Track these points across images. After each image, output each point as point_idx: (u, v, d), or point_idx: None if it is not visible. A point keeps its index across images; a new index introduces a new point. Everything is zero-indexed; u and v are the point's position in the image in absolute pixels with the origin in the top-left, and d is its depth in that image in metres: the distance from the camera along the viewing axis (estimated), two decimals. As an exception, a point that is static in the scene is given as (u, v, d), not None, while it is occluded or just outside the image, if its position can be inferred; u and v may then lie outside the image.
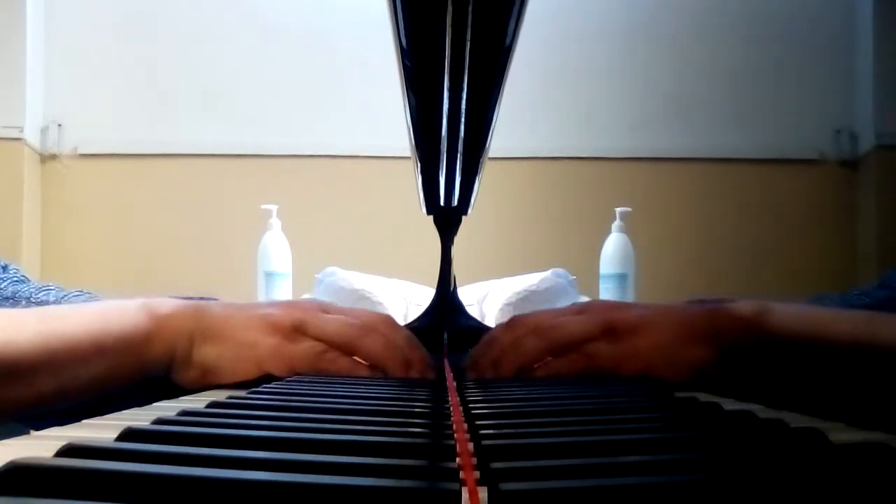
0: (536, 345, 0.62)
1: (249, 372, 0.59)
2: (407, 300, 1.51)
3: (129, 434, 0.31)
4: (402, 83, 0.55)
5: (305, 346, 0.61)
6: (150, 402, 0.44)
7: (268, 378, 0.60)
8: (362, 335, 0.62)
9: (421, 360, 0.65)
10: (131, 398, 0.50)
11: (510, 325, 0.67)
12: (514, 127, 2.12)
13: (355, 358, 0.63)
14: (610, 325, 0.62)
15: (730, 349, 0.57)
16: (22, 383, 0.47)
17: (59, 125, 2.32)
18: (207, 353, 0.59)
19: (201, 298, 0.65)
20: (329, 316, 0.63)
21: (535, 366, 0.63)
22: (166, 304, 0.59)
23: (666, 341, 0.59)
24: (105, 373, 0.54)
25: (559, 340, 0.62)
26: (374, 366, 0.63)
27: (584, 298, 1.64)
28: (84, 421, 0.37)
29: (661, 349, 0.59)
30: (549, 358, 0.63)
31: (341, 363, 0.61)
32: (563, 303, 1.54)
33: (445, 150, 0.66)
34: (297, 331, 0.61)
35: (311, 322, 0.62)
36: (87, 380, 0.52)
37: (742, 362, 0.57)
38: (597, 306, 0.67)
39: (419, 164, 0.74)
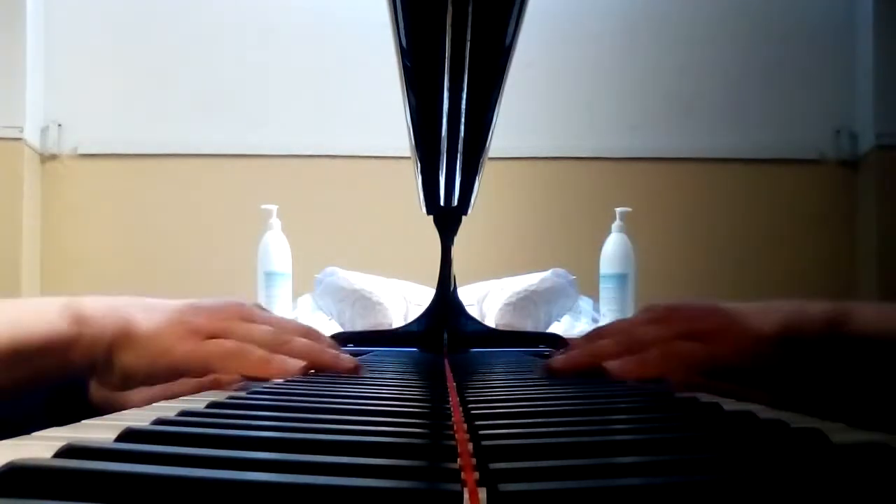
0: (609, 347, 0.62)
1: (166, 376, 0.60)
2: (407, 300, 1.51)
3: (128, 434, 0.31)
4: (402, 83, 0.55)
5: (221, 342, 0.60)
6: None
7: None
8: (282, 343, 0.62)
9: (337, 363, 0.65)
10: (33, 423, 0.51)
11: (589, 336, 0.67)
12: (514, 127, 2.12)
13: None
14: (690, 331, 0.61)
15: (805, 350, 0.57)
16: None
17: (59, 125, 2.32)
18: (126, 360, 0.59)
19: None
20: (248, 325, 0.64)
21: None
22: (87, 306, 0.59)
23: (751, 346, 0.58)
24: (24, 375, 0.54)
25: (636, 345, 0.62)
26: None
27: (585, 298, 1.64)
28: (84, 421, 0.37)
29: (747, 355, 0.58)
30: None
31: (257, 354, 0.60)
32: (563, 303, 1.55)
33: (445, 150, 0.66)
34: (213, 335, 0.61)
35: (232, 330, 0.62)
36: (5, 381, 0.53)
37: (817, 363, 0.56)
38: (680, 314, 0.65)
39: (419, 164, 0.74)
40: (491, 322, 1.44)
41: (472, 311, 1.23)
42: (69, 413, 0.64)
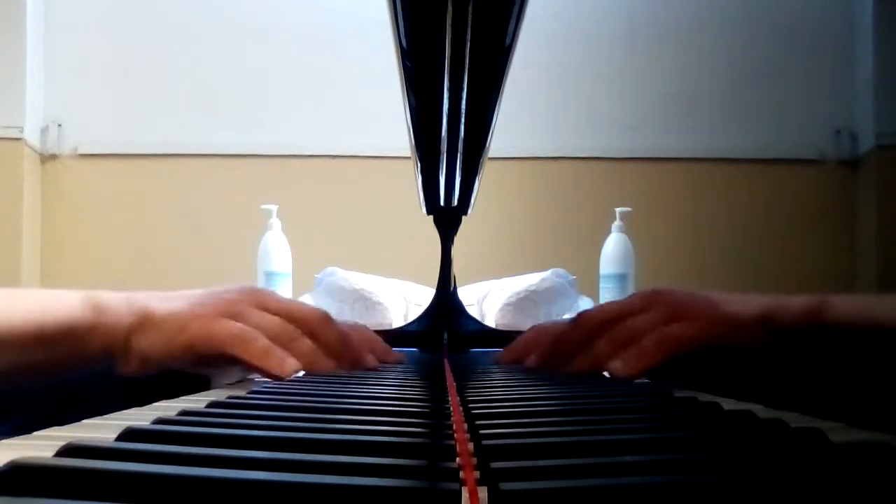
0: (607, 347, 0.63)
1: (181, 355, 0.61)
2: (407, 300, 1.51)
3: (129, 434, 0.31)
4: (402, 83, 0.55)
5: (228, 326, 0.61)
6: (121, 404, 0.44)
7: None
8: (288, 339, 0.63)
9: (353, 355, 0.66)
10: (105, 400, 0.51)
11: (578, 324, 0.67)
12: (514, 127, 2.12)
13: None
14: (675, 314, 0.63)
15: (787, 340, 0.58)
16: None
17: (59, 125, 2.32)
18: (143, 343, 0.60)
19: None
20: (261, 313, 0.64)
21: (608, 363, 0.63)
22: (106, 297, 0.60)
23: (731, 326, 0.61)
24: (43, 361, 0.55)
25: (630, 338, 0.63)
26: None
27: (585, 298, 1.64)
28: (84, 421, 0.37)
29: (729, 335, 0.60)
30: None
31: (259, 343, 0.61)
32: (563, 303, 1.54)
33: (445, 150, 0.66)
34: (229, 316, 0.62)
35: (242, 314, 0.63)
36: (24, 366, 0.54)
37: (799, 353, 0.58)
38: (653, 296, 0.67)
39: (419, 164, 0.74)
40: (491, 322, 1.44)
41: (472, 311, 1.23)
42: (147, 387, 0.64)
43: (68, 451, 0.26)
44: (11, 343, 0.52)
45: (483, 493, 0.23)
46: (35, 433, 0.33)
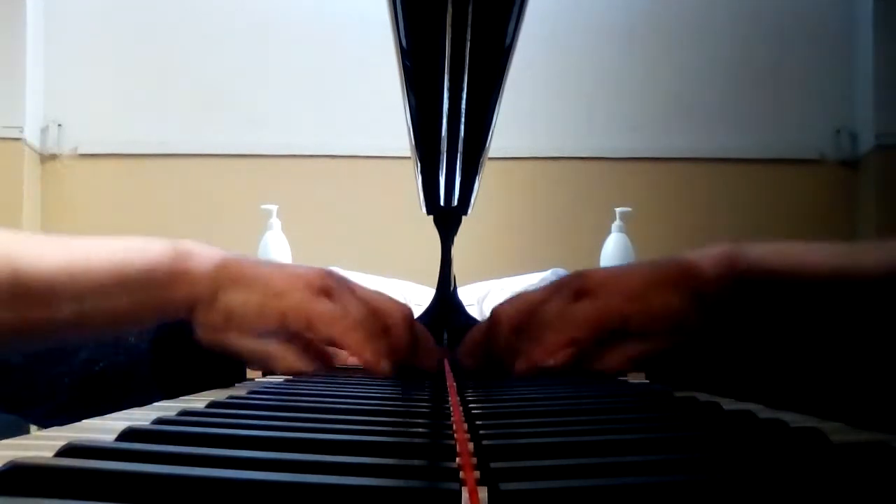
0: (530, 347, 0.60)
1: (271, 321, 0.57)
2: (407, 300, 1.51)
3: (129, 434, 0.31)
4: (402, 83, 0.55)
5: (329, 307, 0.58)
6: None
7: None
8: (374, 335, 0.60)
9: (425, 361, 0.65)
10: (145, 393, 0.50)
11: (494, 326, 0.63)
12: (514, 127, 2.12)
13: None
14: (580, 289, 0.58)
15: (710, 298, 0.53)
16: (42, 307, 0.47)
17: (59, 125, 2.32)
18: (233, 299, 0.56)
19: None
20: (351, 298, 0.61)
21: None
22: (193, 246, 0.58)
23: (639, 292, 0.56)
24: (126, 307, 0.53)
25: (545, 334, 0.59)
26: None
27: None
28: (84, 421, 0.37)
29: (637, 300, 0.55)
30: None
31: (358, 335, 0.58)
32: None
33: (445, 150, 0.66)
34: (324, 293, 0.59)
35: (338, 292, 0.60)
36: (107, 311, 0.52)
37: (724, 310, 0.53)
38: (566, 278, 0.62)
39: (419, 164, 0.74)
40: (491, 322, 1.44)
41: (472, 311, 1.23)
42: (174, 356, 0.62)
43: (68, 451, 0.26)
44: (93, 285, 0.50)
45: (483, 493, 0.23)
46: (35, 433, 0.33)
